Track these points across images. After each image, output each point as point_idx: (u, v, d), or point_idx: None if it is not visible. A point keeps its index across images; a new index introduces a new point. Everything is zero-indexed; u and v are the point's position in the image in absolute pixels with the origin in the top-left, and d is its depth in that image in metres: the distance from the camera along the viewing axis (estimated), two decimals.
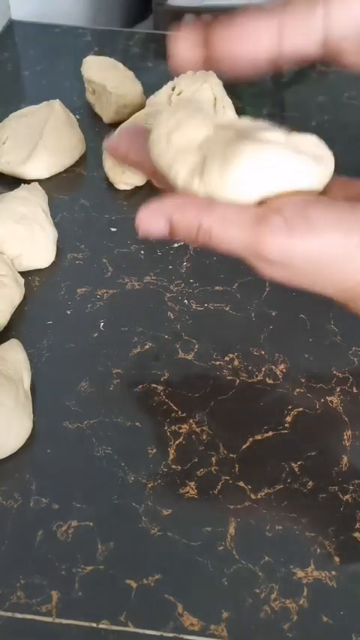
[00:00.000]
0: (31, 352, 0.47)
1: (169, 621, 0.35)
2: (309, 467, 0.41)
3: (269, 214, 0.31)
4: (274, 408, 0.44)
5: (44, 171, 0.61)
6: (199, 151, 0.34)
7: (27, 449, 0.42)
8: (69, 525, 0.39)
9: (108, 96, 0.67)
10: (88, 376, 0.46)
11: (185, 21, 0.46)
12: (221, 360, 0.47)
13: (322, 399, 0.45)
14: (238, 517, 0.39)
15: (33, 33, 0.84)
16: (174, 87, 0.67)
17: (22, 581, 0.36)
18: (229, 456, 0.42)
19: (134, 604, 0.36)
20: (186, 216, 0.32)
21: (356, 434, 0.43)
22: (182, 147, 0.34)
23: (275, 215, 0.31)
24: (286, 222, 0.31)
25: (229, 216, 0.31)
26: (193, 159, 0.33)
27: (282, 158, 0.32)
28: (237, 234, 0.31)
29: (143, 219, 0.33)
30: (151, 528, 0.38)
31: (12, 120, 0.63)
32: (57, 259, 0.54)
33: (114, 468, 0.41)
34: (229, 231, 0.31)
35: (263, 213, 0.31)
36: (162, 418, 0.44)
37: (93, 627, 0.35)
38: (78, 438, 0.43)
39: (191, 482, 0.41)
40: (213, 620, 0.35)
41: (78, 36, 0.84)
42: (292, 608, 0.36)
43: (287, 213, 0.31)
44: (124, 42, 0.84)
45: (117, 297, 0.52)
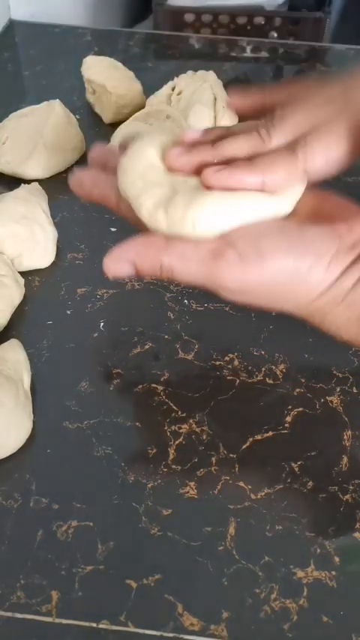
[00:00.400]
0: (31, 352, 0.47)
1: (169, 621, 0.35)
2: (309, 467, 0.41)
3: (224, 249, 0.34)
4: (274, 408, 0.44)
5: (44, 171, 0.61)
6: (169, 184, 0.36)
7: (27, 449, 0.42)
8: (69, 525, 0.39)
9: (108, 96, 0.67)
10: (88, 376, 0.46)
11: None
12: (221, 360, 0.47)
13: (322, 399, 0.45)
14: (238, 517, 0.39)
15: (33, 33, 0.84)
16: (174, 87, 0.67)
17: (22, 581, 0.36)
18: (229, 456, 0.42)
19: (134, 604, 0.36)
20: (147, 257, 0.35)
21: (356, 434, 0.43)
22: (152, 179, 0.36)
23: (229, 249, 0.33)
24: (239, 256, 0.33)
25: (187, 253, 0.34)
26: (161, 192, 0.35)
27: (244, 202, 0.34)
28: (196, 269, 0.34)
29: (109, 265, 0.36)
30: (151, 528, 0.38)
31: (12, 120, 0.63)
32: (57, 259, 0.54)
33: (114, 468, 0.41)
34: (188, 268, 0.34)
35: (218, 249, 0.34)
36: (162, 418, 0.44)
37: (93, 627, 0.35)
38: (78, 438, 0.43)
39: (191, 482, 0.41)
40: (213, 620, 0.35)
41: (78, 36, 0.84)
42: (292, 608, 0.36)
43: (240, 246, 0.34)
44: (124, 42, 0.84)
45: (117, 297, 0.51)
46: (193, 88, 0.66)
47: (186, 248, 0.34)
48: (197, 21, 0.94)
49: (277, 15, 0.94)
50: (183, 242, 0.34)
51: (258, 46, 0.84)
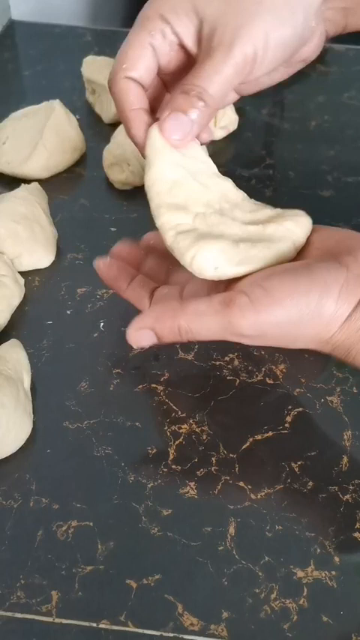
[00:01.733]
0: (31, 352, 0.47)
1: (169, 621, 0.35)
2: (309, 467, 0.41)
3: (234, 296, 0.34)
4: (274, 408, 0.44)
5: (44, 171, 0.61)
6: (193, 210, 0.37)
7: (27, 449, 0.42)
8: (69, 525, 0.39)
9: (108, 96, 0.67)
10: (88, 376, 0.46)
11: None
12: (221, 360, 0.47)
13: (322, 399, 0.45)
14: (238, 517, 0.39)
15: (33, 33, 0.84)
16: None
17: (22, 581, 0.36)
18: (229, 456, 0.42)
19: (134, 604, 0.36)
20: (165, 323, 0.36)
21: (356, 434, 0.43)
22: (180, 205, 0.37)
23: (239, 295, 0.34)
24: (249, 299, 0.34)
25: (200, 309, 0.35)
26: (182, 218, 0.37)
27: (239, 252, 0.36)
28: (212, 323, 0.35)
29: (132, 337, 0.37)
30: (151, 528, 0.38)
31: (12, 120, 0.63)
32: (57, 259, 0.54)
33: (114, 468, 0.41)
34: (205, 323, 0.35)
35: (229, 297, 0.34)
36: (162, 418, 0.44)
37: (93, 627, 0.35)
38: (78, 438, 0.43)
39: (191, 482, 0.41)
40: (213, 620, 0.35)
41: (78, 36, 0.84)
42: (292, 608, 0.36)
43: (249, 290, 0.34)
44: None
45: (117, 297, 0.51)
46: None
47: (198, 305, 0.35)
48: None
49: None
50: (196, 300, 0.36)
51: None
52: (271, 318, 0.34)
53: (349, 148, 0.65)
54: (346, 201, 0.59)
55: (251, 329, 0.34)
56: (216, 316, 0.34)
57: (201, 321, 0.35)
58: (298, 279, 0.34)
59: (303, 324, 0.34)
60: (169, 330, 0.36)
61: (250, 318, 0.34)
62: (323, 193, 0.60)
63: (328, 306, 0.33)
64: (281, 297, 0.33)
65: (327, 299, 0.33)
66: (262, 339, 0.35)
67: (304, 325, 0.34)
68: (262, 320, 0.34)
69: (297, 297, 0.33)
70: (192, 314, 0.35)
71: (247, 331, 0.34)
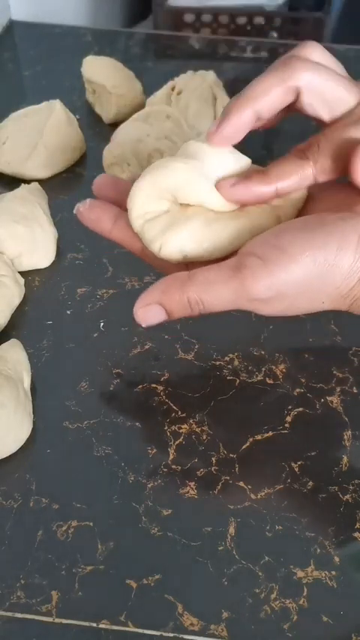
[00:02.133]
0: (31, 352, 0.47)
1: (169, 621, 0.35)
2: (309, 467, 0.41)
3: (244, 259, 0.32)
4: (274, 408, 0.44)
5: (44, 171, 0.61)
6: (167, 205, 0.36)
7: (27, 449, 0.42)
8: (69, 525, 0.39)
9: (108, 96, 0.67)
10: (88, 376, 0.46)
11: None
12: (221, 360, 0.47)
13: (322, 399, 0.45)
14: (238, 517, 0.39)
15: (33, 33, 0.84)
16: (174, 87, 0.67)
17: (22, 581, 0.36)
18: (229, 456, 0.42)
19: (134, 604, 0.36)
20: (173, 295, 0.34)
21: (356, 434, 0.43)
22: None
23: (249, 257, 0.32)
24: (261, 260, 0.32)
25: (210, 277, 0.33)
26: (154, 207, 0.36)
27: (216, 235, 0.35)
28: (225, 291, 0.33)
29: (139, 313, 0.35)
30: (151, 528, 0.38)
31: (12, 120, 0.63)
32: (57, 259, 0.54)
33: (114, 468, 0.41)
34: (216, 292, 0.33)
35: (239, 260, 0.33)
36: (162, 418, 0.44)
37: (93, 627, 0.35)
38: (78, 438, 0.43)
39: (191, 483, 0.41)
40: (213, 620, 0.35)
41: (78, 36, 0.84)
42: (292, 608, 0.36)
43: (259, 251, 0.32)
44: (124, 42, 0.84)
45: (117, 297, 0.51)
46: (192, 88, 0.66)
47: (208, 273, 0.33)
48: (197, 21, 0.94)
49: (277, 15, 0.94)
50: (204, 268, 0.33)
51: (258, 46, 0.84)
52: (288, 277, 0.32)
53: None
54: None
55: (267, 291, 0.32)
56: (228, 283, 0.32)
57: (212, 290, 0.33)
58: (314, 233, 0.32)
59: (322, 279, 0.32)
60: (178, 302, 0.34)
61: (264, 279, 0.32)
62: None
63: (347, 258, 0.32)
64: (296, 252, 0.32)
65: (345, 251, 0.32)
66: (280, 301, 0.33)
67: (323, 280, 0.32)
68: (277, 280, 0.32)
69: (314, 252, 0.31)
70: (201, 283, 0.33)
71: (262, 294, 0.32)
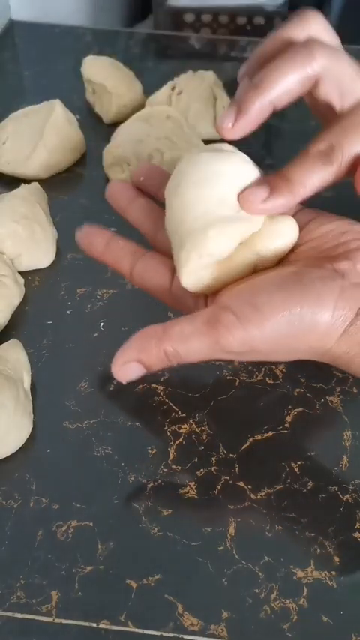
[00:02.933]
0: (31, 352, 0.47)
1: (169, 621, 0.35)
2: (309, 467, 0.41)
3: (218, 313, 0.32)
4: (274, 408, 0.44)
5: (44, 171, 0.61)
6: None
7: (27, 449, 0.42)
8: (69, 525, 0.39)
9: (108, 96, 0.67)
10: (88, 376, 0.46)
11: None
12: (221, 360, 0.47)
13: (322, 399, 0.45)
14: (238, 517, 0.39)
15: (33, 33, 0.84)
16: (174, 87, 0.67)
17: (22, 581, 0.36)
18: (229, 456, 0.42)
19: (134, 604, 0.36)
20: (150, 351, 0.34)
21: (356, 434, 0.43)
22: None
23: (224, 312, 0.32)
24: (236, 316, 0.32)
25: (185, 332, 0.33)
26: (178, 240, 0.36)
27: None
28: (199, 345, 0.33)
29: (118, 374, 0.35)
30: (151, 528, 0.38)
31: (12, 120, 0.63)
32: (57, 259, 0.54)
33: (114, 468, 0.41)
34: (192, 345, 0.33)
35: (213, 315, 0.32)
36: (162, 418, 0.44)
37: (93, 627, 0.35)
38: (78, 438, 0.43)
39: (191, 483, 0.41)
40: (213, 620, 0.35)
41: (78, 36, 0.84)
42: (292, 608, 0.36)
43: (234, 306, 0.32)
44: (124, 42, 0.84)
45: (117, 297, 0.51)
46: (193, 88, 0.66)
47: (182, 327, 0.33)
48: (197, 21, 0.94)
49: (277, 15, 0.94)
50: (178, 323, 0.34)
51: None
52: (262, 335, 0.32)
53: None
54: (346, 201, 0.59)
55: (241, 347, 0.32)
56: (202, 337, 0.33)
57: (188, 344, 0.33)
58: (289, 292, 0.32)
59: (296, 339, 0.32)
60: (155, 358, 0.34)
61: (238, 336, 0.32)
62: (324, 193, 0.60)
63: (324, 318, 0.31)
64: (271, 313, 0.31)
65: (321, 313, 0.31)
66: (254, 354, 0.33)
67: (297, 340, 0.32)
68: (251, 337, 0.32)
69: (289, 313, 0.31)
70: (177, 337, 0.33)
71: (236, 349, 0.32)
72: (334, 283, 0.32)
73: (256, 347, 0.32)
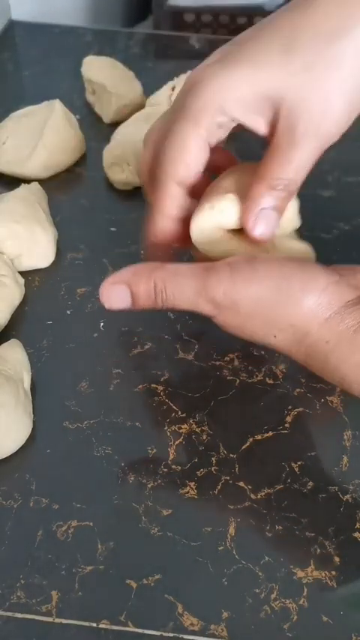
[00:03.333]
0: (31, 352, 0.47)
1: (169, 621, 0.35)
2: (309, 467, 0.41)
3: (217, 264, 0.33)
4: (274, 408, 0.44)
5: (44, 171, 0.61)
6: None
7: (27, 449, 0.42)
8: (69, 525, 0.39)
9: (108, 96, 0.67)
10: (88, 376, 0.46)
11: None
12: (221, 360, 0.47)
13: (322, 399, 0.45)
14: (238, 517, 0.39)
15: (33, 33, 0.84)
16: (174, 87, 0.67)
17: (22, 581, 0.36)
18: (229, 456, 0.42)
19: (134, 604, 0.36)
20: (140, 279, 0.34)
21: (356, 434, 0.43)
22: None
23: (222, 264, 0.33)
24: (230, 269, 0.33)
25: (179, 270, 0.34)
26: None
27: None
28: (187, 284, 0.33)
29: (105, 293, 0.35)
30: (151, 528, 0.38)
31: (12, 120, 0.63)
32: (57, 259, 0.54)
33: (114, 468, 0.41)
34: (180, 285, 0.34)
35: (211, 264, 0.33)
36: (162, 418, 0.44)
37: (93, 627, 0.35)
38: (78, 438, 0.43)
39: (191, 483, 0.41)
40: (213, 620, 0.35)
41: (78, 36, 0.84)
42: (292, 608, 0.36)
43: (233, 262, 0.33)
44: (124, 42, 0.84)
45: None
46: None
47: (179, 266, 0.34)
48: (197, 21, 0.94)
49: None
50: (178, 263, 0.34)
51: None
52: (247, 292, 0.33)
53: (350, 148, 0.65)
54: (347, 201, 0.59)
55: (223, 297, 0.33)
56: (193, 278, 0.33)
57: (177, 282, 0.34)
58: (287, 266, 0.33)
59: (278, 308, 0.33)
60: (144, 286, 0.34)
61: (224, 285, 0.33)
62: (323, 193, 0.60)
63: (309, 297, 0.32)
64: (263, 274, 0.32)
65: (310, 290, 0.32)
66: (234, 314, 0.34)
67: (280, 310, 0.33)
68: (237, 290, 0.32)
69: (278, 279, 0.32)
70: (169, 272, 0.34)
71: (218, 297, 0.33)
72: (331, 274, 0.33)
73: (237, 302, 0.33)
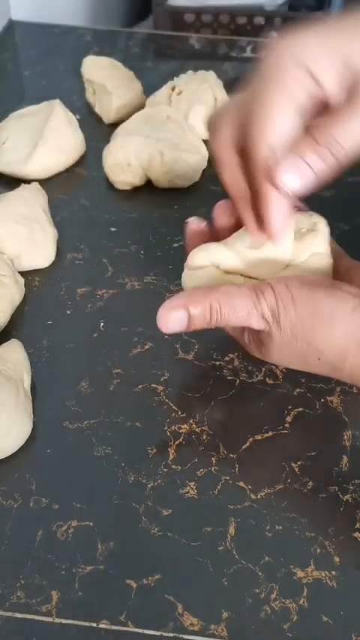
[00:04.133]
0: (31, 352, 0.47)
1: (169, 621, 0.35)
2: (309, 467, 0.41)
3: (262, 285, 0.37)
4: (274, 408, 0.44)
5: (44, 171, 0.61)
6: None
7: (27, 449, 0.42)
8: (69, 525, 0.39)
9: (108, 96, 0.67)
10: (88, 376, 0.46)
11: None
12: (221, 360, 0.47)
13: (322, 399, 0.45)
14: (238, 517, 0.39)
15: (33, 33, 0.84)
16: (174, 87, 0.67)
17: (22, 581, 0.36)
18: (229, 456, 0.42)
19: (134, 604, 0.36)
20: (197, 301, 0.37)
21: (356, 434, 0.43)
22: None
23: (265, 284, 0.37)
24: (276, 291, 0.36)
25: (231, 290, 0.37)
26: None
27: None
28: (240, 304, 0.36)
29: (163, 318, 0.37)
30: (151, 528, 0.38)
31: (12, 120, 0.63)
32: (57, 259, 0.54)
33: (114, 468, 0.41)
34: (234, 304, 0.36)
35: (258, 285, 0.37)
36: (162, 418, 0.44)
37: (93, 627, 0.35)
38: (78, 438, 0.43)
39: (191, 483, 0.41)
40: (213, 620, 0.35)
41: (78, 36, 0.84)
42: (292, 608, 0.36)
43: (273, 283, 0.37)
44: (124, 42, 0.84)
45: (117, 297, 0.52)
46: (193, 88, 0.66)
47: (229, 288, 0.37)
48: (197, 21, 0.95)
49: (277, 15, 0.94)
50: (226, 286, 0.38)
51: (258, 46, 0.84)
52: (286, 311, 0.36)
53: None
54: (347, 201, 0.59)
55: (269, 314, 0.36)
56: (245, 297, 0.36)
57: (231, 302, 0.36)
58: (316, 290, 0.36)
59: (315, 332, 0.35)
60: (200, 310, 0.37)
61: (271, 304, 0.36)
62: (324, 193, 0.60)
63: (340, 321, 0.35)
64: (298, 301, 0.36)
65: (339, 316, 0.35)
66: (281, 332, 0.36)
67: (316, 333, 0.35)
68: (280, 309, 0.36)
69: (311, 305, 0.35)
70: (223, 293, 0.37)
71: (266, 315, 0.36)
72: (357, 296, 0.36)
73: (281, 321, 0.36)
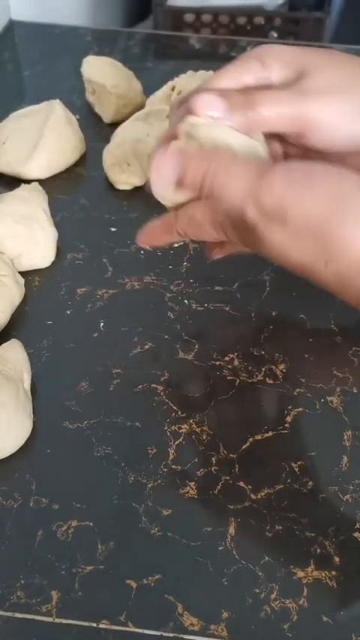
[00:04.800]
0: (31, 352, 0.47)
1: (169, 621, 0.35)
2: (309, 467, 0.41)
3: (274, 167, 0.32)
4: (274, 408, 0.44)
5: (44, 171, 0.61)
6: None
7: (27, 449, 0.42)
8: (69, 525, 0.39)
9: (108, 96, 0.67)
10: (88, 376, 0.46)
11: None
12: (221, 360, 0.47)
13: (322, 399, 0.45)
14: (238, 517, 0.39)
15: (33, 33, 0.84)
16: (174, 87, 0.67)
17: (22, 581, 0.36)
18: (229, 456, 0.42)
19: (134, 604, 0.36)
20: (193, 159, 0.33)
21: (356, 434, 0.43)
22: None
23: (280, 167, 0.32)
24: (286, 174, 0.31)
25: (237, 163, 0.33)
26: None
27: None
28: (240, 180, 0.32)
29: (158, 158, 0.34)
30: (151, 528, 0.38)
31: (12, 120, 0.63)
32: (57, 259, 0.54)
33: (114, 468, 0.41)
34: (232, 178, 0.32)
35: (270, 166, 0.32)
36: (162, 418, 0.44)
37: (93, 627, 0.35)
38: (78, 438, 0.43)
39: (191, 483, 0.41)
40: (213, 620, 0.35)
41: (78, 36, 0.84)
42: (292, 608, 0.36)
43: (291, 167, 0.32)
44: (124, 42, 0.84)
45: (117, 297, 0.52)
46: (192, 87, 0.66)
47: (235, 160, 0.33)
48: (197, 21, 0.94)
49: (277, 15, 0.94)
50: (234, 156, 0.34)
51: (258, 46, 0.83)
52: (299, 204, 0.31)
53: None
54: None
55: (274, 204, 0.31)
56: (247, 173, 0.32)
57: (230, 174, 0.33)
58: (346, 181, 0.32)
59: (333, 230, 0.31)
60: (194, 170, 0.33)
61: (277, 190, 0.31)
62: None
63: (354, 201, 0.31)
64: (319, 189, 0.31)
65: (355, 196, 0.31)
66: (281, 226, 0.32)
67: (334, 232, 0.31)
68: (288, 196, 0.31)
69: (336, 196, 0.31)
70: (224, 160, 0.33)
71: (268, 203, 0.31)
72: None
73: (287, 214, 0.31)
